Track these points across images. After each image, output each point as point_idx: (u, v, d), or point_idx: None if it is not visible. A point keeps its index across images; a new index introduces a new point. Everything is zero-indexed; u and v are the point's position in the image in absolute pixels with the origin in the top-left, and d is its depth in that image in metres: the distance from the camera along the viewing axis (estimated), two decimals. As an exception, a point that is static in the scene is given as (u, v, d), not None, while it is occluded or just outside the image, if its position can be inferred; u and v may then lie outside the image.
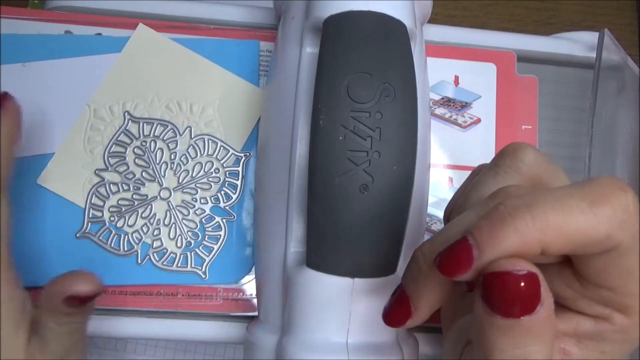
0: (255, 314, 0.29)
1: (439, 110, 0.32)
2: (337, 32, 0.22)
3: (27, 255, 0.29)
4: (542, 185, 0.19)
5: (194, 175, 0.30)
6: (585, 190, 0.15)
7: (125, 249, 0.29)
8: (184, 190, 0.30)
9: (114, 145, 0.30)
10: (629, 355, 0.19)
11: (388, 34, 0.23)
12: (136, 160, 0.30)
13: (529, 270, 0.15)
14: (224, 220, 0.30)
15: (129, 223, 0.29)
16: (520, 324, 0.15)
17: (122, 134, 0.30)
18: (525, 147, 0.19)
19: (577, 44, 0.35)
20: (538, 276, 0.15)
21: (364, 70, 0.22)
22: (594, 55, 0.32)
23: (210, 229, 0.30)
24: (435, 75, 0.33)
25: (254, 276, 0.30)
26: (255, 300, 0.29)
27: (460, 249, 0.15)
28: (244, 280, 0.30)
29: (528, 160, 0.19)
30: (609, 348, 0.18)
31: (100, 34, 0.31)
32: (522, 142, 0.20)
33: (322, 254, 0.22)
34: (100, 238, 0.29)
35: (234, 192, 0.30)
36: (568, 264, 0.18)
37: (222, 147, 0.31)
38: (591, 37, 0.34)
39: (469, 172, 0.24)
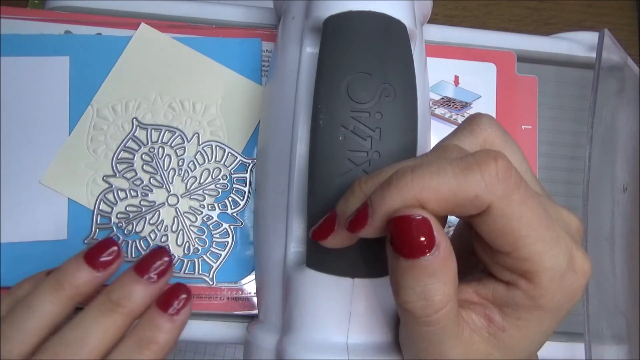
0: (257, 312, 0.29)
1: (439, 110, 0.32)
2: (337, 32, 0.22)
3: (31, 260, 0.29)
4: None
5: (201, 181, 0.30)
6: (462, 160, 0.18)
7: (133, 255, 0.29)
8: (192, 197, 0.30)
9: (122, 152, 0.30)
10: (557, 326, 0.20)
11: (388, 34, 0.23)
12: (144, 166, 0.30)
13: (423, 215, 0.17)
14: (232, 227, 0.30)
15: (137, 229, 0.29)
16: (419, 264, 0.17)
17: (130, 140, 0.30)
18: (482, 115, 0.21)
19: (577, 44, 0.35)
20: (430, 220, 0.17)
21: (364, 70, 0.22)
22: (594, 55, 0.32)
23: (217, 235, 0.30)
24: (435, 75, 0.33)
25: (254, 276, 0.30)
26: (256, 299, 0.29)
27: (361, 210, 0.18)
28: (245, 280, 0.30)
29: (482, 124, 0.21)
30: (524, 314, 0.19)
31: (100, 33, 0.31)
32: (483, 112, 0.22)
33: (322, 254, 0.22)
34: (108, 244, 0.29)
35: (241, 198, 0.30)
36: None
37: (229, 154, 0.31)
38: (591, 37, 0.34)
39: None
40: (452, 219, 0.28)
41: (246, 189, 0.30)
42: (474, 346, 0.20)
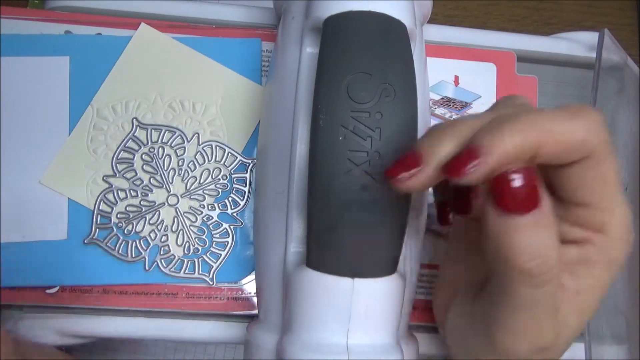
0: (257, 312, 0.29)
1: (439, 110, 0.32)
2: (337, 32, 0.22)
3: (31, 260, 0.29)
4: None
5: (201, 181, 0.30)
6: (565, 108, 0.18)
7: (133, 255, 0.29)
8: (192, 197, 0.30)
9: (122, 152, 0.30)
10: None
11: (388, 34, 0.23)
12: (144, 166, 0.30)
13: (526, 166, 0.17)
14: (232, 227, 0.30)
15: (137, 229, 0.29)
16: (534, 219, 0.17)
17: (130, 140, 0.30)
18: (518, 95, 0.21)
19: (577, 44, 0.35)
20: (533, 169, 0.17)
21: (364, 70, 0.22)
22: (594, 55, 0.32)
23: (217, 235, 0.30)
24: (435, 75, 0.33)
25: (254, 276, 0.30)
26: (256, 299, 0.29)
27: (471, 149, 0.17)
28: (245, 280, 0.30)
29: (520, 101, 0.21)
30: (598, 272, 0.20)
31: (100, 34, 0.31)
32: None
33: (322, 254, 0.22)
34: (108, 244, 0.29)
35: (241, 198, 0.30)
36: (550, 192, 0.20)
37: (229, 154, 0.31)
38: (591, 37, 0.34)
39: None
40: (432, 212, 0.28)
41: (246, 189, 0.30)
42: (558, 324, 0.20)
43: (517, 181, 0.17)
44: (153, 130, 0.30)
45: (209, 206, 0.30)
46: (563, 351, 0.21)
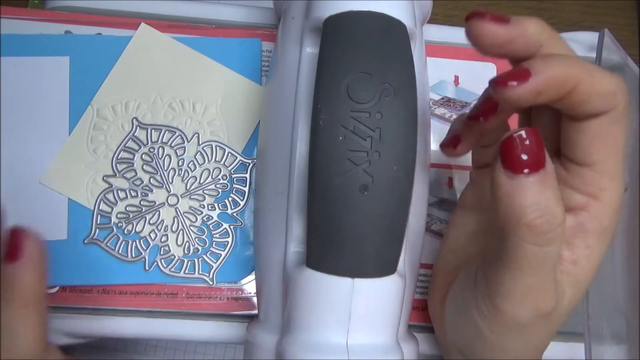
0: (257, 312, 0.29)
1: (439, 110, 0.32)
2: (337, 32, 0.22)
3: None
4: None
5: (201, 181, 0.30)
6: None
7: (133, 255, 0.29)
8: (192, 197, 0.30)
9: (122, 152, 0.30)
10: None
11: (388, 34, 0.22)
12: (144, 166, 0.30)
13: (531, 128, 0.18)
14: (232, 227, 0.30)
15: (137, 229, 0.29)
16: (540, 177, 0.18)
17: (130, 140, 0.30)
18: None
19: (577, 44, 0.35)
20: (538, 132, 0.18)
21: (364, 70, 0.22)
22: (594, 55, 0.32)
23: (217, 235, 0.30)
24: (435, 75, 0.33)
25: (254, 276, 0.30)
26: (256, 299, 0.29)
27: (520, 69, 0.18)
28: (245, 280, 0.30)
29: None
30: (592, 241, 0.21)
31: (100, 34, 0.31)
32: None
33: (322, 254, 0.22)
34: (108, 244, 0.29)
35: (241, 198, 0.30)
36: (555, 155, 0.22)
37: (229, 154, 0.31)
38: (591, 37, 0.34)
39: (468, 172, 0.24)
40: (432, 212, 0.28)
41: (246, 189, 0.30)
42: (558, 289, 0.20)
43: (524, 142, 0.18)
44: (153, 130, 0.30)
45: (209, 206, 0.30)
46: (559, 323, 0.22)
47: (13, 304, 0.22)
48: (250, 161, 0.31)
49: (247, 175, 0.31)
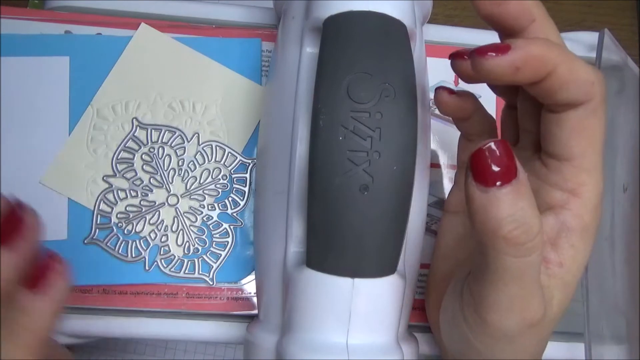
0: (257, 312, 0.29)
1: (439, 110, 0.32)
2: (337, 32, 0.22)
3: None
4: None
5: (201, 181, 0.30)
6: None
7: (133, 255, 0.29)
8: (192, 197, 0.30)
9: (122, 152, 0.30)
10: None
11: (388, 34, 0.22)
12: (144, 166, 0.30)
13: (501, 140, 0.18)
14: (232, 227, 0.30)
15: (137, 229, 0.29)
16: (514, 188, 0.18)
17: (130, 140, 0.30)
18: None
19: (577, 44, 0.35)
20: (507, 142, 0.18)
21: (364, 70, 0.22)
22: (594, 55, 0.32)
23: (217, 235, 0.30)
24: (435, 75, 0.33)
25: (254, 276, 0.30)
26: (256, 299, 0.29)
27: (501, 44, 0.19)
28: (245, 280, 0.30)
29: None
30: (576, 240, 0.21)
31: (100, 34, 0.31)
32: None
33: (322, 254, 0.22)
34: (108, 244, 0.29)
35: (241, 198, 0.30)
36: (535, 153, 0.22)
37: (229, 154, 0.31)
38: (591, 37, 0.34)
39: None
40: (432, 212, 0.28)
41: (246, 189, 0.30)
42: (544, 297, 0.20)
43: (494, 154, 0.18)
44: (153, 130, 0.30)
45: (209, 206, 0.30)
46: (551, 329, 0.22)
47: (17, 340, 0.19)
48: (250, 161, 0.31)
49: (247, 175, 0.31)
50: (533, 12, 0.21)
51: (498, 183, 0.18)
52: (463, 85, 0.33)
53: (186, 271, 0.29)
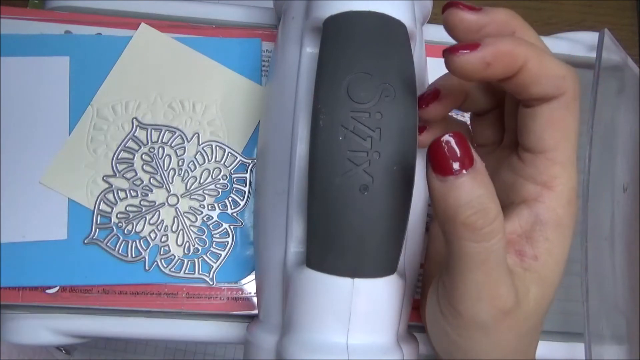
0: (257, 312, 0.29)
1: (439, 110, 0.32)
2: (337, 32, 0.22)
3: (31, 260, 0.29)
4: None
5: (201, 181, 0.30)
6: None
7: (133, 255, 0.29)
8: (192, 197, 0.30)
9: (122, 152, 0.30)
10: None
11: (388, 34, 0.22)
12: (144, 166, 0.30)
13: (457, 132, 0.19)
14: (232, 227, 0.30)
15: (137, 229, 0.29)
16: (471, 176, 0.18)
17: (130, 140, 0.30)
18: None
19: (577, 44, 0.35)
20: (463, 134, 0.19)
21: (364, 70, 0.22)
22: (594, 55, 0.32)
23: (217, 235, 0.30)
24: (435, 75, 0.32)
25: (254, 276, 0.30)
26: (256, 299, 0.29)
27: (472, 43, 0.19)
28: (245, 280, 0.30)
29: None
30: (550, 233, 0.21)
31: (100, 34, 0.31)
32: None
33: (322, 254, 0.22)
34: (108, 244, 0.29)
35: (241, 198, 0.30)
36: (514, 150, 0.23)
37: (229, 154, 0.31)
38: (591, 37, 0.34)
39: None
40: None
41: (246, 189, 0.30)
42: (515, 285, 0.21)
43: (450, 145, 0.18)
44: (153, 130, 0.30)
45: (209, 206, 0.30)
46: (529, 322, 0.22)
47: None
48: (250, 161, 0.31)
49: (247, 175, 0.31)
50: (510, 25, 0.21)
51: (456, 171, 0.18)
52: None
53: (186, 271, 0.29)
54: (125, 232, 0.29)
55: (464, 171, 0.18)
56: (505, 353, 0.22)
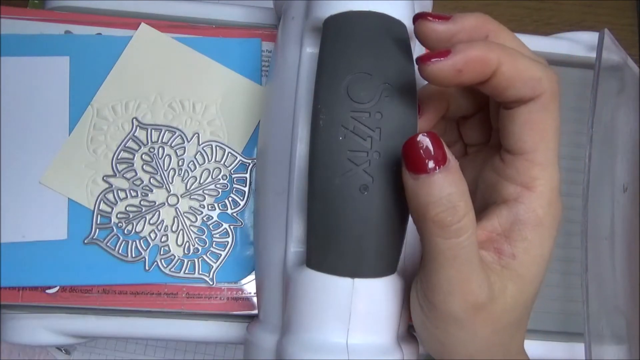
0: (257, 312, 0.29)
1: (439, 110, 0.32)
2: (337, 32, 0.22)
3: (31, 260, 0.29)
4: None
5: (201, 181, 0.30)
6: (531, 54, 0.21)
7: (133, 255, 0.29)
8: (192, 197, 0.30)
9: (122, 152, 0.30)
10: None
11: (388, 34, 0.23)
12: (144, 166, 0.30)
13: (430, 132, 0.19)
14: (232, 227, 0.30)
15: (137, 229, 0.29)
16: (441, 175, 0.19)
17: (130, 140, 0.30)
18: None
19: (577, 44, 0.35)
20: (437, 134, 0.19)
21: (364, 70, 0.22)
22: (594, 55, 0.32)
23: (217, 235, 0.30)
24: (435, 75, 0.33)
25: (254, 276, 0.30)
26: (256, 299, 0.29)
27: (443, 50, 0.20)
28: (245, 280, 0.30)
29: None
30: (528, 233, 0.21)
31: (100, 34, 0.31)
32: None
33: (322, 254, 0.22)
34: (108, 244, 0.29)
35: (241, 198, 0.30)
36: (497, 150, 0.23)
37: (229, 154, 0.31)
38: (591, 37, 0.34)
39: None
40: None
41: (246, 189, 0.30)
42: (489, 281, 0.21)
43: (423, 144, 0.19)
44: (153, 130, 0.30)
45: (209, 206, 0.30)
46: (506, 319, 0.22)
47: None
48: (250, 161, 0.31)
49: (247, 175, 0.31)
50: (482, 31, 0.21)
51: (429, 169, 0.19)
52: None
53: (186, 271, 0.29)
54: (125, 232, 0.29)
55: (437, 169, 0.19)
56: (482, 346, 0.22)
